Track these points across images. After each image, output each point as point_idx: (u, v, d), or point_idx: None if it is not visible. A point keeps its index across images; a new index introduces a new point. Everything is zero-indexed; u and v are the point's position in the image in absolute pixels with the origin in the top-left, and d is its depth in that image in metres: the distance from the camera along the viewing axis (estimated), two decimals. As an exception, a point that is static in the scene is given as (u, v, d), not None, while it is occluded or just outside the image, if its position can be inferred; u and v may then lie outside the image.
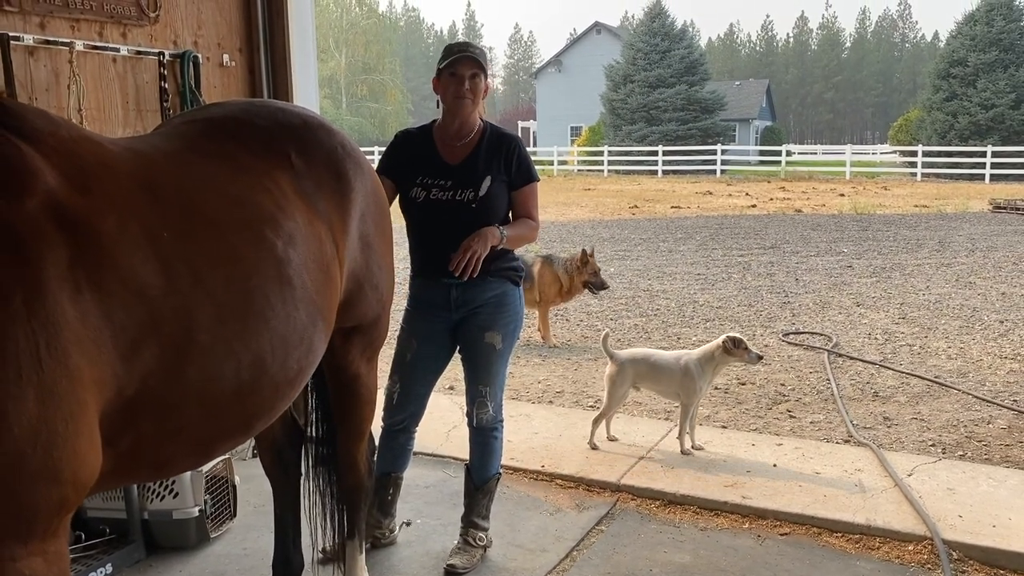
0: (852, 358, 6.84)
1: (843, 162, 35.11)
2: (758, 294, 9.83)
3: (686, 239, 15.05)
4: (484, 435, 3.50)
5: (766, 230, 16.33)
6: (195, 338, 1.87)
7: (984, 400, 5.67)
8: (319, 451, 3.18)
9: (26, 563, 1.55)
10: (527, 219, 3.42)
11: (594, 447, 4.61)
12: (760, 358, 4.59)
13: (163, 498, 3.53)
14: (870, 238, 14.87)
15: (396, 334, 3.50)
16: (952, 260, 12.22)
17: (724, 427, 5.17)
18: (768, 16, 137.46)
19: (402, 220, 3.41)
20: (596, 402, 5.51)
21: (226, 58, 4.50)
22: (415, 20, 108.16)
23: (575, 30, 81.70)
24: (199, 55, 4.30)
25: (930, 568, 3.38)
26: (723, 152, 37.19)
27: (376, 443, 3.51)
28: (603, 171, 38.73)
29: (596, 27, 57.59)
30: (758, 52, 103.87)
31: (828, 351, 6.98)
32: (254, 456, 4.15)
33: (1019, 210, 18.82)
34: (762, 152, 41.56)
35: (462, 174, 3.28)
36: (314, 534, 3.21)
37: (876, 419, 5.34)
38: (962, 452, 4.73)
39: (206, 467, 3.57)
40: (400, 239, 3.26)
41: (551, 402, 5.84)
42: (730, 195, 25.11)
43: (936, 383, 6.09)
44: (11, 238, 1.57)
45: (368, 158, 2.81)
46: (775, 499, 3.93)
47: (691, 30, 52.44)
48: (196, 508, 3.55)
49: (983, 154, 30.94)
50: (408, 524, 3.79)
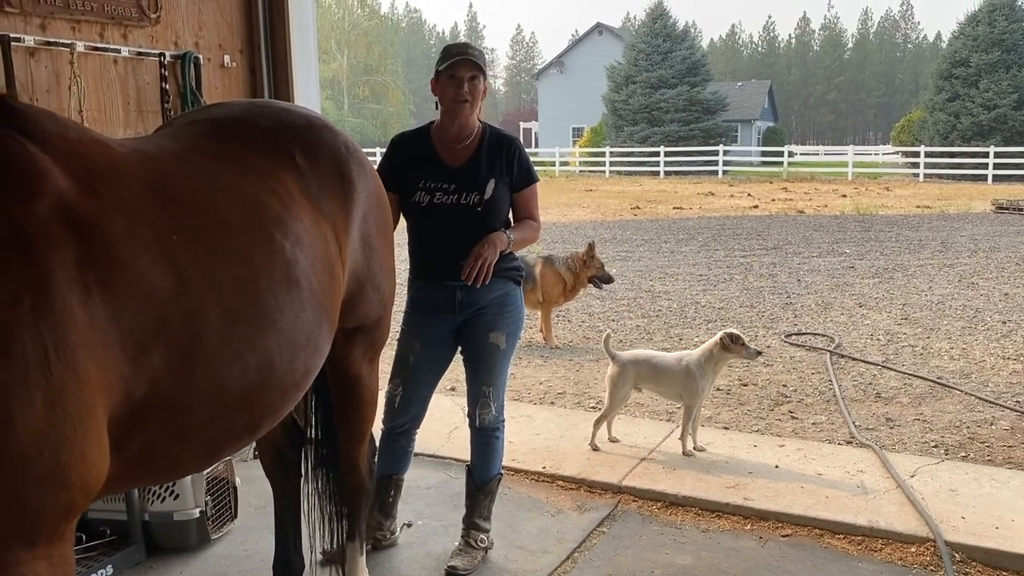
0: (854, 359, 6.83)
1: (845, 163, 35.07)
2: (760, 295, 9.81)
3: (688, 240, 15.04)
4: (486, 436, 3.49)
5: (768, 231, 16.31)
6: (204, 340, 1.87)
7: (987, 401, 5.66)
8: (320, 452, 3.18)
9: (31, 568, 1.53)
10: (529, 220, 3.43)
11: (596, 448, 4.61)
12: (759, 353, 4.59)
13: (164, 499, 3.53)
14: (872, 239, 14.85)
15: (396, 336, 3.49)
16: (955, 261, 12.20)
17: (726, 428, 5.16)
18: (770, 17, 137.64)
19: (402, 222, 3.40)
20: (598, 403, 5.50)
21: (227, 59, 4.50)
22: (417, 21, 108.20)
23: (577, 31, 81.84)
24: (200, 56, 4.30)
25: (932, 570, 3.37)
26: (725, 153, 37.18)
27: (377, 445, 3.51)
28: (605, 172, 38.72)
29: (598, 28, 57.59)
30: (760, 53, 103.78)
31: (830, 352, 6.97)
32: (255, 457, 4.14)
33: (1022, 211, 18.79)
34: (764, 153, 41.51)
35: (465, 177, 3.27)
36: (314, 536, 3.20)
37: (878, 420, 5.32)
38: (965, 453, 4.71)
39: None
40: (399, 240, 3.25)
41: (553, 403, 5.83)
42: (732, 196, 25.09)
43: (939, 384, 6.08)
44: (20, 239, 1.56)
45: (370, 159, 2.80)
46: (777, 500, 3.93)
47: (693, 31, 52.41)
48: (197, 509, 3.55)
49: (985, 155, 30.90)
50: (409, 525, 3.78)
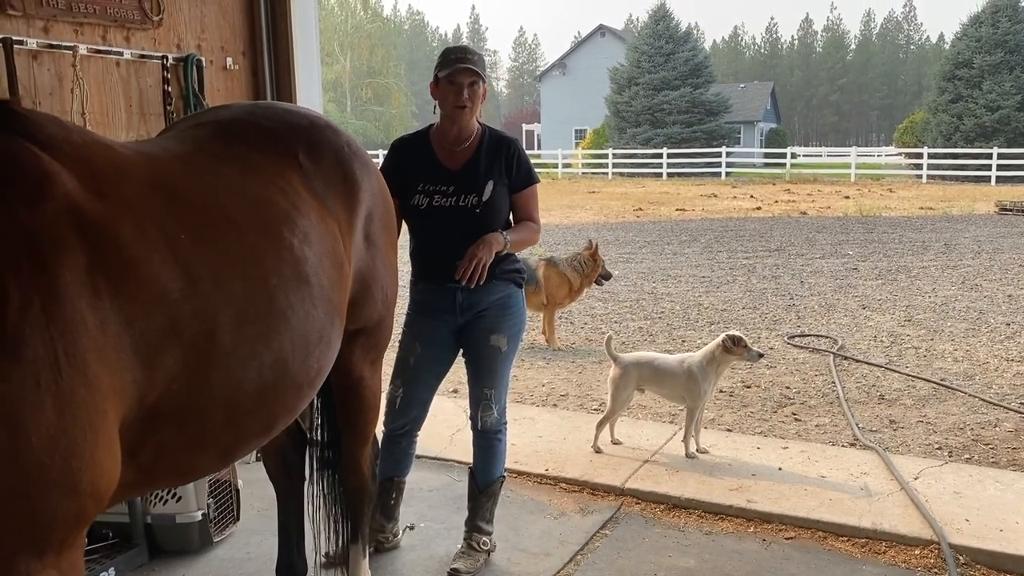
0: (858, 361, 6.82)
1: (848, 164, 35.03)
2: (763, 297, 9.80)
3: (691, 242, 15.03)
4: (488, 438, 3.48)
5: (771, 232, 16.30)
6: (217, 340, 1.86)
7: (991, 403, 5.65)
8: (323, 455, 3.17)
9: None
10: (528, 222, 3.42)
11: (598, 450, 4.60)
12: (761, 355, 4.57)
13: (166, 502, 3.52)
14: (875, 240, 14.83)
15: (397, 338, 3.49)
16: (958, 262, 12.18)
17: (729, 430, 5.15)
18: (772, 18, 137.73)
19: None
20: (600, 405, 5.49)
21: (229, 61, 4.50)
22: (419, 24, 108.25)
23: (579, 33, 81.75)
24: (202, 58, 4.31)
25: (937, 572, 3.35)
26: (728, 155, 37.15)
27: (379, 447, 3.50)
28: (607, 174, 38.72)
29: (600, 30, 57.61)
30: (763, 54, 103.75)
31: (833, 354, 6.96)
32: (257, 460, 4.14)
33: (1025, 212, 18.77)
34: (767, 154, 41.50)
35: (463, 179, 3.27)
36: (317, 538, 3.20)
37: (882, 422, 5.31)
38: (968, 455, 4.70)
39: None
40: (401, 242, 3.25)
41: (555, 405, 5.83)
42: (735, 197, 25.07)
43: (942, 386, 6.06)
44: (29, 244, 1.55)
45: (373, 161, 2.81)
46: (780, 503, 3.92)
47: (695, 33, 52.31)
48: (199, 512, 3.54)
49: (989, 156, 30.84)
50: (411, 528, 3.78)
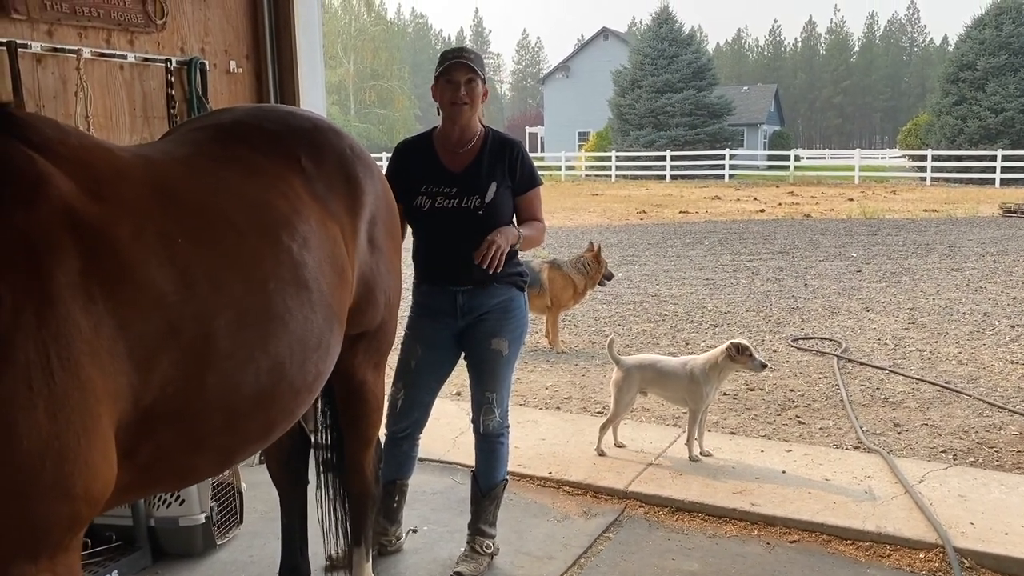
0: (862, 363, 6.80)
1: (852, 166, 35.02)
2: (767, 299, 9.79)
3: (694, 244, 15.02)
4: (490, 441, 3.48)
5: (775, 235, 16.28)
6: (215, 344, 1.85)
7: (995, 406, 5.63)
8: (326, 458, 3.17)
9: None
10: (535, 222, 3.42)
11: (602, 453, 4.59)
12: (765, 366, 4.51)
13: (169, 505, 3.52)
14: (879, 243, 14.81)
15: (400, 341, 3.49)
16: (962, 265, 12.15)
17: (733, 433, 5.14)
18: (776, 21, 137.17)
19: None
20: (604, 408, 5.48)
21: (233, 65, 4.51)
22: (423, 26, 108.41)
23: (583, 36, 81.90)
24: (206, 62, 4.31)
25: (941, 576, 3.35)
26: (731, 157, 37.16)
27: (382, 450, 3.50)
28: (611, 176, 38.73)
29: (603, 33, 57.63)
30: (766, 57, 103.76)
31: (837, 356, 6.95)
32: (260, 463, 4.14)
33: (1030, 214, 18.72)
34: (770, 157, 41.46)
35: (466, 181, 3.27)
36: (321, 542, 3.20)
37: (886, 425, 5.30)
38: (973, 458, 4.68)
39: (212, 474, 3.57)
40: (405, 245, 3.25)
41: (558, 408, 5.82)
42: (738, 200, 25.05)
43: (947, 389, 6.05)
44: (23, 246, 1.55)
45: (376, 164, 2.80)
46: (784, 506, 3.90)
47: (699, 35, 52.43)
48: (202, 515, 3.54)
49: (993, 158, 30.77)
50: (414, 531, 3.77)
